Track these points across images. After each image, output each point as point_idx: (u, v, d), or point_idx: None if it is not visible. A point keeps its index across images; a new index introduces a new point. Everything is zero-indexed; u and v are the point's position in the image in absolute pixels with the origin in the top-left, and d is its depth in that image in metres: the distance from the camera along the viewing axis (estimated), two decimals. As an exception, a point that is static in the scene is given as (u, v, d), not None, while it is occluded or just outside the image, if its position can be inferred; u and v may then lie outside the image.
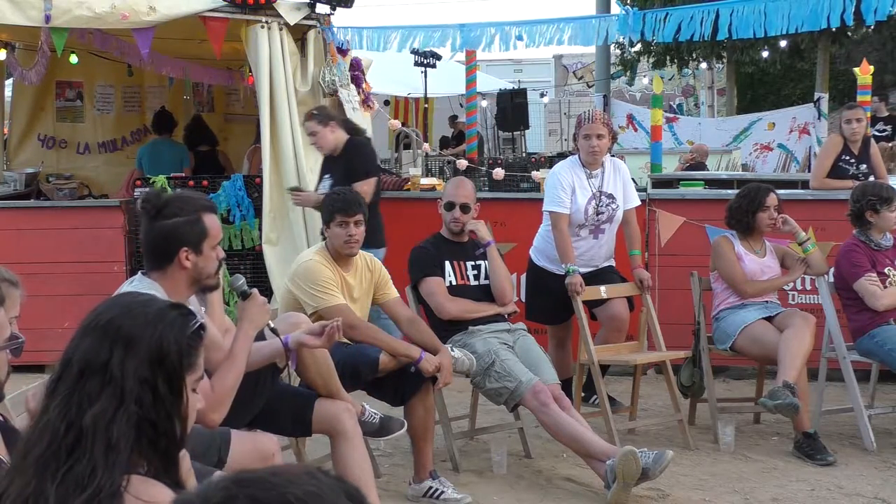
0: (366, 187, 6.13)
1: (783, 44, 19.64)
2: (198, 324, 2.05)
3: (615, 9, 19.58)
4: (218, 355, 3.43)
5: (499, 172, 8.52)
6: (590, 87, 22.61)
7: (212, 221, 3.43)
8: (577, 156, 5.96)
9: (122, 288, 3.35)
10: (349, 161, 6.36)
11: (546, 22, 7.85)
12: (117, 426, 1.88)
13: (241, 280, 3.66)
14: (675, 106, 24.24)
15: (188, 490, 1.73)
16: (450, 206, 5.37)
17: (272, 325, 3.72)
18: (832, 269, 5.82)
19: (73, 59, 9.43)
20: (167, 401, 1.95)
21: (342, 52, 7.75)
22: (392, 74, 13.35)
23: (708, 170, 11.94)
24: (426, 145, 10.62)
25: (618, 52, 22.23)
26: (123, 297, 2.11)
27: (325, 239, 4.90)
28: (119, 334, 1.96)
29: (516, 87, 17.82)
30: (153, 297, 2.11)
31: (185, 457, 2.89)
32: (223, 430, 3.61)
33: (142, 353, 1.95)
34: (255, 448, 3.62)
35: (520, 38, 7.87)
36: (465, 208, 5.34)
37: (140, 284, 3.35)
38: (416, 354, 4.71)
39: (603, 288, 5.78)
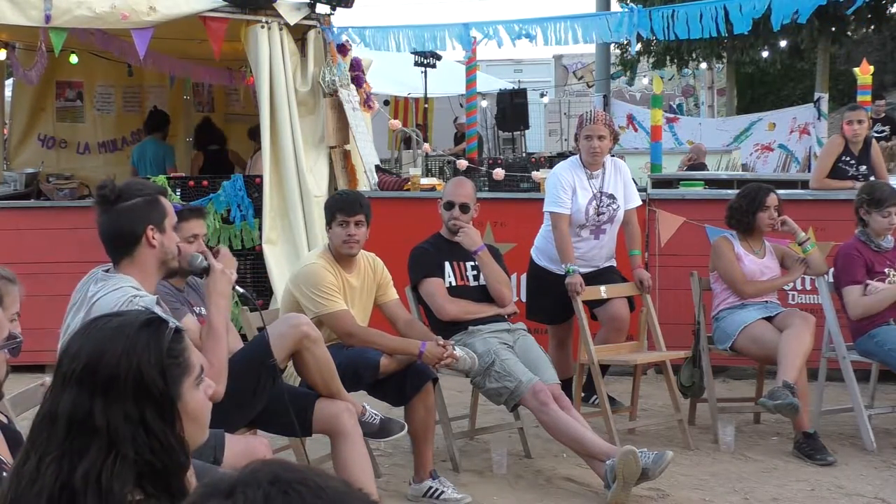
0: None
1: (783, 44, 19.62)
2: (173, 329, 1.90)
3: (616, 8, 19.56)
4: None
5: (499, 172, 8.52)
6: (590, 87, 22.57)
7: (167, 202, 3.49)
8: (577, 156, 5.96)
9: (87, 286, 3.36)
10: None
11: (554, 20, 7.80)
12: (105, 475, 1.76)
13: (198, 258, 3.64)
14: (675, 106, 24.19)
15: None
16: (449, 206, 5.35)
17: (241, 291, 3.72)
18: (832, 269, 5.82)
19: (73, 59, 9.44)
20: (160, 432, 1.81)
21: (342, 51, 7.75)
22: (392, 74, 13.33)
23: (708, 170, 11.94)
24: (426, 145, 10.62)
25: (618, 52, 22.21)
26: (91, 331, 1.90)
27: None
28: (96, 379, 1.81)
29: (516, 87, 17.79)
30: (121, 321, 1.90)
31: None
32: (217, 431, 3.60)
33: (124, 393, 1.81)
34: (246, 450, 3.62)
35: (529, 36, 7.79)
36: (464, 208, 5.32)
37: (107, 283, 3.34)
38: (415, 350, 4.72)
39: (603, 288, 5.78)
